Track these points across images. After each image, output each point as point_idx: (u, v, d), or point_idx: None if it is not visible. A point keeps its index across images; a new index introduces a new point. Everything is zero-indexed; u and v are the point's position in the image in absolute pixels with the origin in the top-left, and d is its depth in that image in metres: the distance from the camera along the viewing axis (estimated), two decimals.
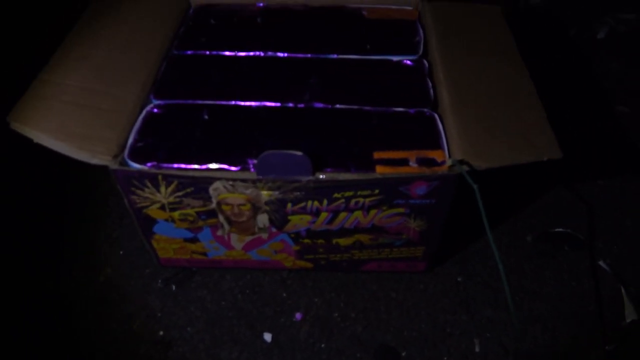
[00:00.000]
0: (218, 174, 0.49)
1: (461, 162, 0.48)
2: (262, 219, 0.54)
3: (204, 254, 0.60)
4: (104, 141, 0.50)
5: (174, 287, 0.61)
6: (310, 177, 0.48)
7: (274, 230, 0.55)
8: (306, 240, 0.57)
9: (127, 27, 0.63)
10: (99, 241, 0.66)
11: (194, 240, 0.57)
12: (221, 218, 0.54)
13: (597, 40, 1.01)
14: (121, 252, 0.65)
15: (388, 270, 0.62)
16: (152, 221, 0.55)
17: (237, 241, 0.57)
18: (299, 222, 0.54)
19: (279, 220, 0.54)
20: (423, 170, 0.49)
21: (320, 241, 0.57)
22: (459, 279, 0.62)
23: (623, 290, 0.61)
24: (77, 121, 0.51)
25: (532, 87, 0.57)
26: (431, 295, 0.60)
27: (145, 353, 0.56)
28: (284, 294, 0.61)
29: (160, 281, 0.62)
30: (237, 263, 0.61)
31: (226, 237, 0.57)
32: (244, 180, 0.49)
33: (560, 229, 0.67)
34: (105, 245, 0.65)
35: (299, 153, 0.47)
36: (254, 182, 0.49)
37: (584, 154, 0.77)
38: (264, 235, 0.56)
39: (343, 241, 0.57)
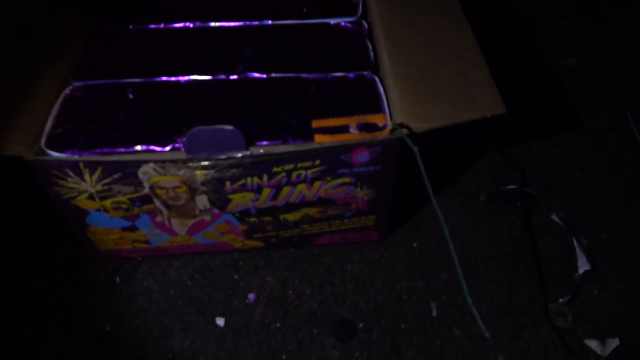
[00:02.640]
0: (144, 157, 0.45)
1: (401, 125, 0.46)
2: (202, 201, 0.51)
3: (147, 242, 0.57)
4: (17, 129, 0.46)
5: (118, 280, 0.58)
6: (245, 152, 0.45)
7: (216, 211, 0.52)
8: (252, 219, 0.54)
9: (43, 8, 0.57)
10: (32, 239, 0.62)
11: (132, 228, 0.54)
12: (157, 203, 0.50)
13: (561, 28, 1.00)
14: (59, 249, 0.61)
15: (341, 242, 0.61)
16: (84, 212, 0.51)
17: (180, 226, 0.54)
18: (241, 200, 0.51)
19: (219, 201, 0.51)
20: (363, 137, 0.47)
21: (267, 218, 0.54)
22: (414, 245, 0.61)
23: (575, 242, 0.61)
24: None
25: (475, 44, 0.55)
26: (386, 264, 0.59)
27: (91, 352, 0.53)
28: (236, 276, 0.58)
29: (102, 274, 0.58)
30: (183, 249, 0.58)
31: (167, 222, 0.54)
32: (173, 161, 0.45)
33: (513, 186, 0.67)
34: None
35: (230, 127, 0.44)
36: (184, 162, 0.45)
37: (532, 109, 0.76)
38: (207, 218, 0.53)
39: (291, 216, 0.55)
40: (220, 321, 0.55)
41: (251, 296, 0.57)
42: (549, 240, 0.62)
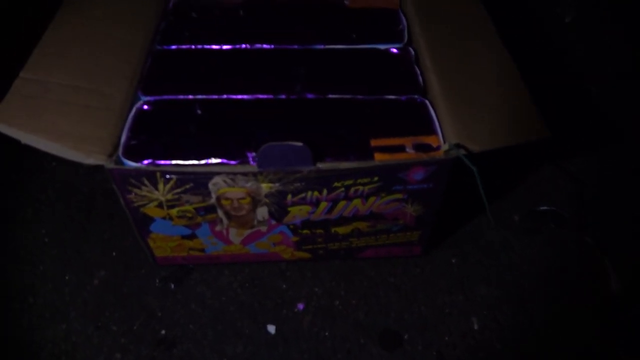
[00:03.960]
0: (218, 169, 0.48)
1: (457, 145, 0.49)
2: (262, 212, 0.54)
3: (202, 250, 0.59)
4: (97, 140, 0.49)
5: (172, 286, 0.60)
6: (312, 167, 0.48)
7: (273, 222, 0.55)
8: (305, 231, 0.57)
9: (106, 23, 0.61)
10: (89, 243, 0.64)
11: (191, 236, 0.57)
12: (220, 213, 0.53)
13: (565, 23, 1.05)
14: (114, 254, 0.63)
15: (385, 256, 0.63)
16: (149, 220, 0.54)
17: (236, 235, 0.57)
18: (298, 213, 0.54)
19: (278, 212, 0.54)
20: (420, 156, 0.50)
21: (319, 231, 0.57)
22: (453, 260, 0.64)
23: (607, 261, 0.64)
24: (67, 120, 0.49)
25: (515, 70, 0.59)
26: (428, 278, 0.62)
27: (148, 354, 0.55)
28: (284, 286, 0.61)
29: (157, 280, 0.61)
30: (234, 257, 0.61)
31: (224, 231, 0.56)
32: (244, 174, 0.48)
33: (546, 207, 0.70)
34: (97, 247, 0.64)
35: (299, 144, 0.47)
36: (254, 175, 0.48)
37: (562, 132, 0.80)
38: (263, 228, 0.56)
39: (341, 230, 0.57)
40: (271, 328, 0.57)
41: (300, 305, 0.59)
42: (580, 260, 0.65)
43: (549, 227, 0.68)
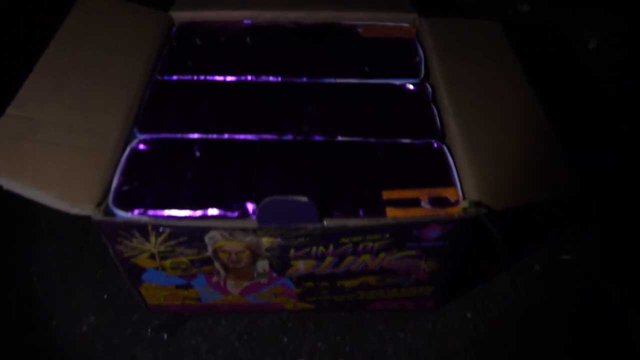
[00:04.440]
0: (215, 223, 0.44)
1: (478, 203, 0.45)
2: (262, 265, 0.49)
3: (198, 299, 0.55)
4: (86, 186, 0.45)
5: (165, 336, 0.56)
6: (317, 225, 0.44)
7: (274, 275, 0.51)
8: (309, 283, 0.53)
9: (104, 50, 0.57)
10: (80, 284, 0.61)
11: (186, 286, 0.53)
12: (217, 265, 0.49)
13: (589, 50, 1.00)
14: (105, 296, 0.59)
15: (394, 309, 0.59)
16: (141, 270, 0.50)
17: (234, 286, 0.53)
18: (301, 266, 0.50)
19: (280, 266, 0.49)
20: (437, 213, 0.45)
21: (324, 284, 0.53)
22: (468, 315, 0.59)
23: (634, 317, 0.59)
24: (55, 164, 0.46)
25: (542, 115, 0.54)
26: (440, 335, 0.57)
27: None
28: (285, 339, 0.57)
29: (150, 329, 0.57)
30: (233, 307, 0.57)
31: (222, 282, 0.52)
32: (243, 229, 0.44)
33: (569, 256, 0.65)
34: (87, 289, 0.60)
35: (304, 199, 0.43)
36: (254, 230, 0.44)
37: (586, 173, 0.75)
38: (263, 280, 0.52)
39: (348, 283, 0.53)
40: None
41: None
42: (605, 311, 0.59)
43: (572, 277, 0.63)
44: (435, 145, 0.52)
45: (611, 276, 0.63)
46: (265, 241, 0.46)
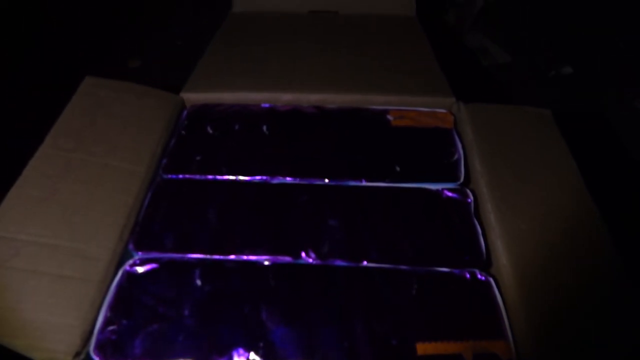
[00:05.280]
0: None
1: None
2: None
3: None
4: (62, 330, 0.38)
5: None
6: None
7: None
8: None
9: (103, 148, 0.50)
10: None
11: None
12: None
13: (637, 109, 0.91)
14: None
15: None
16: None
17: None
18: None
19: None
20: None
21: None
22: None
23: None
24: (31, 302, 0.39)
25: (607, 236, 0.45)
26: None
27: None
28: None
29: None
30: None
31: None
32: None
33: None
34: None
35: None
36: None
37: None
38: None
39: None
40: None
41: None
42: None
43: None
44: (480, 277, 0.43)
45: None
46: None
